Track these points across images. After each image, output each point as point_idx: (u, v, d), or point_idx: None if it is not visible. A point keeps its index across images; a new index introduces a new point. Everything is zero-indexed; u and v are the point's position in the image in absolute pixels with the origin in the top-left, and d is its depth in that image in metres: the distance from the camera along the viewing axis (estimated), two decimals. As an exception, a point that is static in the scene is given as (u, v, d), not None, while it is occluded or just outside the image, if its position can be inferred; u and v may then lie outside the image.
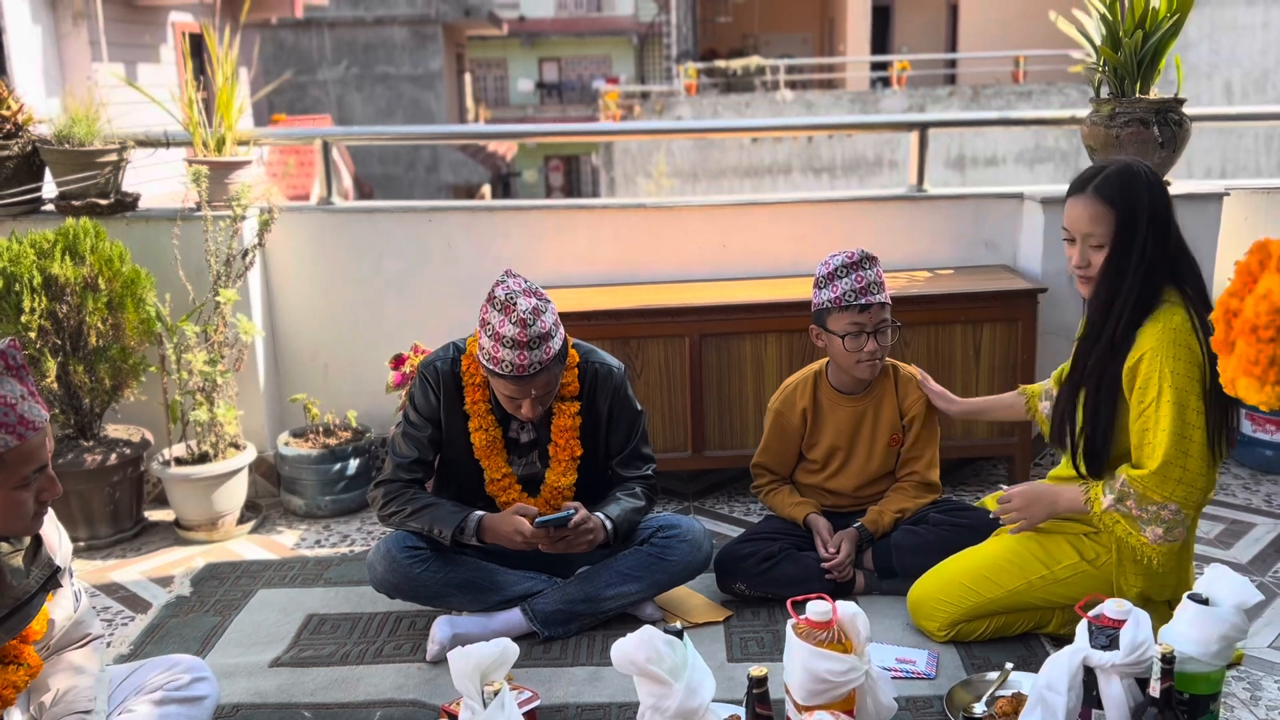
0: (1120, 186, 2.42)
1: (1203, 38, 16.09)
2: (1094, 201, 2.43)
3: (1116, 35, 3.53)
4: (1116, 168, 2.47)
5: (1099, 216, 2.43)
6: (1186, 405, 2.35)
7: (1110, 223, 2.42)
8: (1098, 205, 2.43)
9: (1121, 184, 2.42)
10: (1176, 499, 2.36)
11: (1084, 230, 2.45)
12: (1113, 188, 2.42)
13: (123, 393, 3.49)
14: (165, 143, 3.82)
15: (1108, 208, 2.42)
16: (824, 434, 2.99)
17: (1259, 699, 2.41)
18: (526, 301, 2.53)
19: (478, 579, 2.75)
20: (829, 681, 2.07)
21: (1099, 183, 2.44)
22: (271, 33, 21.00)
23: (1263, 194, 3.90)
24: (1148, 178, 2.44)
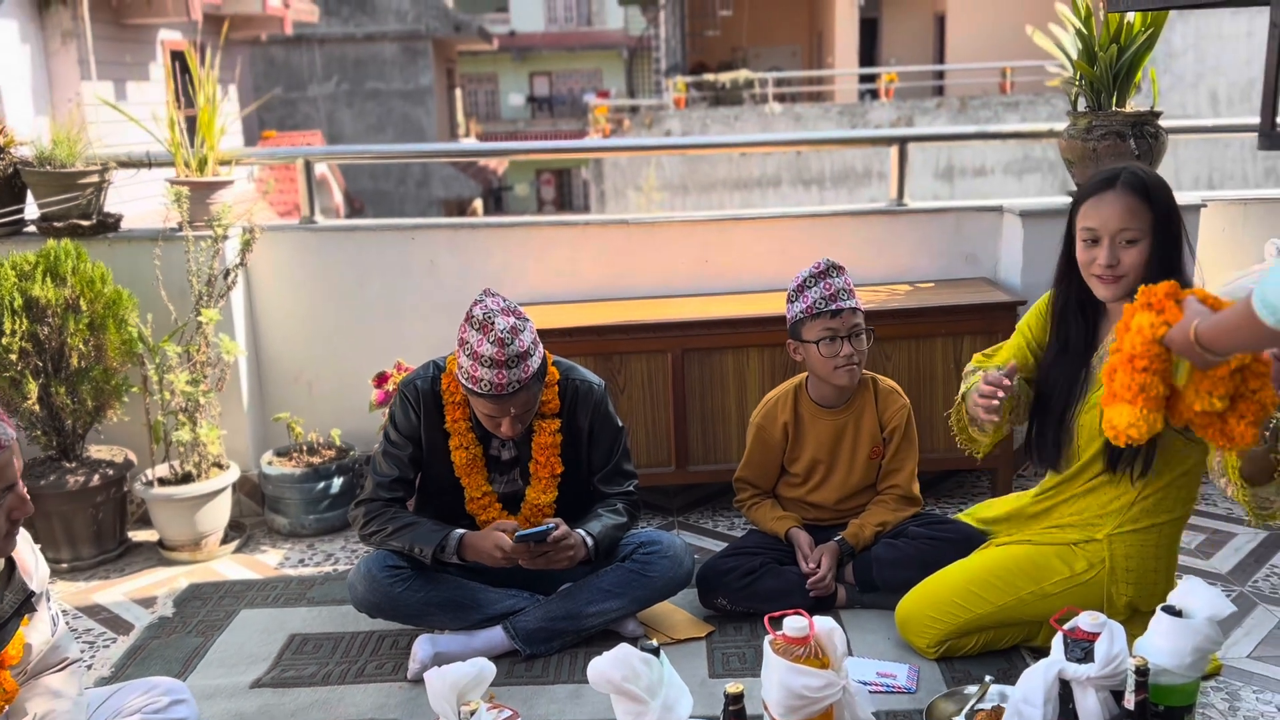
0: (1150, 182, 2.41)
1: (1188, 47, 16.19)
2: (1126, 195, 2.38)
3: (1092, 50, 3.56)
4: (1137, 168, 2.45)
5: (1133, 210, 2.38)
6: None
7: (1146, 216, 2.38)
8: (1131, 199, 2.38)
9: (1149, 179, 2.41)
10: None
11: (1116, 226, 2.38)
12: (1143, 183, 2.40)
13: (105, 414, 3.49)
14: (147, 163, 3.83)
15: (1142, 201, 2.38)
16: (805, 447, 3.00)
17: (1237, 709, 2.42)
18: (504, 320, 2.54)
19: (459, 597, 2.75)
20: (806, 697, 2.08)
21: (1126, 178, 2.40)
22: (262, 50, 21.04)
23: (1240, 204, 3.93)
24: (1164, 180, 2.45)
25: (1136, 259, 2.39)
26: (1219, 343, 1.96)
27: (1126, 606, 2.51)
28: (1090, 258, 2.44)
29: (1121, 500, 2.52)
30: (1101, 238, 2.41)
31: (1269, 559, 3.17)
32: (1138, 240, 2.39)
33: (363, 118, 22.48)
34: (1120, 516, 2.53)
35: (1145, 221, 2.38)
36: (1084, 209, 2.45)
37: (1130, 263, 2.40)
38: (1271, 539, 3.30)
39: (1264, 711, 2.41)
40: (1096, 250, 2.43)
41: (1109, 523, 2.54)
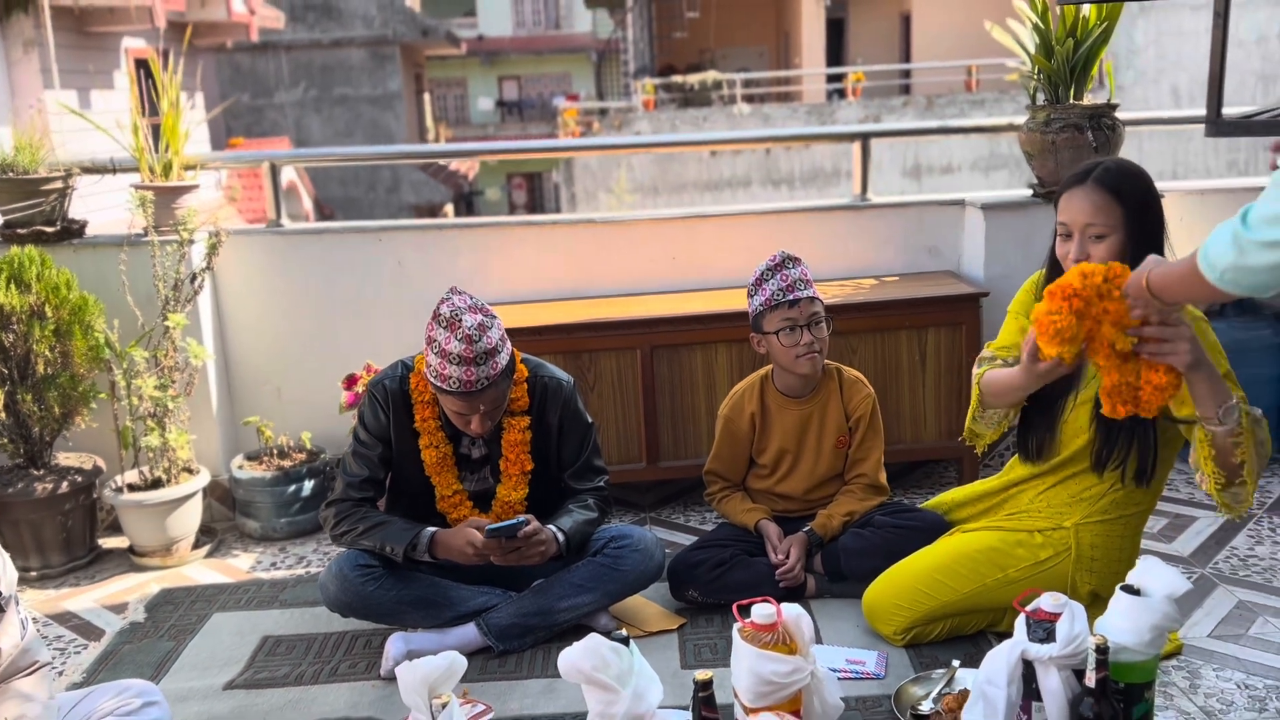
0: (1121, 177, 2.40)
1: (1149, 43, 16.40)
2: (1095, 191, 2.38)
3: (1049, 44, 3.62)
4: (1112, 161, 2.45)
5: (1101, 206, 2.37)
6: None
7: (1115, 212, 2.38)
8: (1100, 194, 2.37)
9: (1122, 175, 2.40)
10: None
11: (1083, 221, 2.39)
12: (1114, 178, 2.39)
13: (73, 420, 3.48)
14: (112, 169, 3.82)
15: (1111, 197, 2.38)
16: (772, 437, 3.04)
17: (1198, 687, 2.47)
18: (472, 318, 2.56)
19: (431, 595, 2.76)
20: (775, 683, 2.10)
21: (1099, 174, 2.40)
22: (228, 56, 20.92)
23: (1196, 195, 4.00)
24: (1145, 174, 2.45)
25: (1105, 254, 2.39)
26: (1167, 291, 2.04)
27: (1089, 594, 2.55)
28: (1065, 251, 2.46)
29: (1093, 492, 2.56)
30: (1072, 232, 2.43)
31: (1229, 541, 3.23)
32: (1105, 235, 2.38)
33: (331, 124, 22.39)
34: (1090, 507, 2.56)
35: (1114, 217, 2.38)
36: (1060, 203, 2.46)
37: (1099, 257, 2.39)
38: (1231, 523, 3.37)
39: (1224, 689, 2.46)
40: (1069, 244, 2.44)
41: (1077, 512, 2.58)
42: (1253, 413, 2.26)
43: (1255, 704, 2.39)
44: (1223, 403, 2.21)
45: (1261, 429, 2.26)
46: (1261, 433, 2.26)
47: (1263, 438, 2.26)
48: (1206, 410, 2.24)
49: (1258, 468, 2.28)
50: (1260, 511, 3.44)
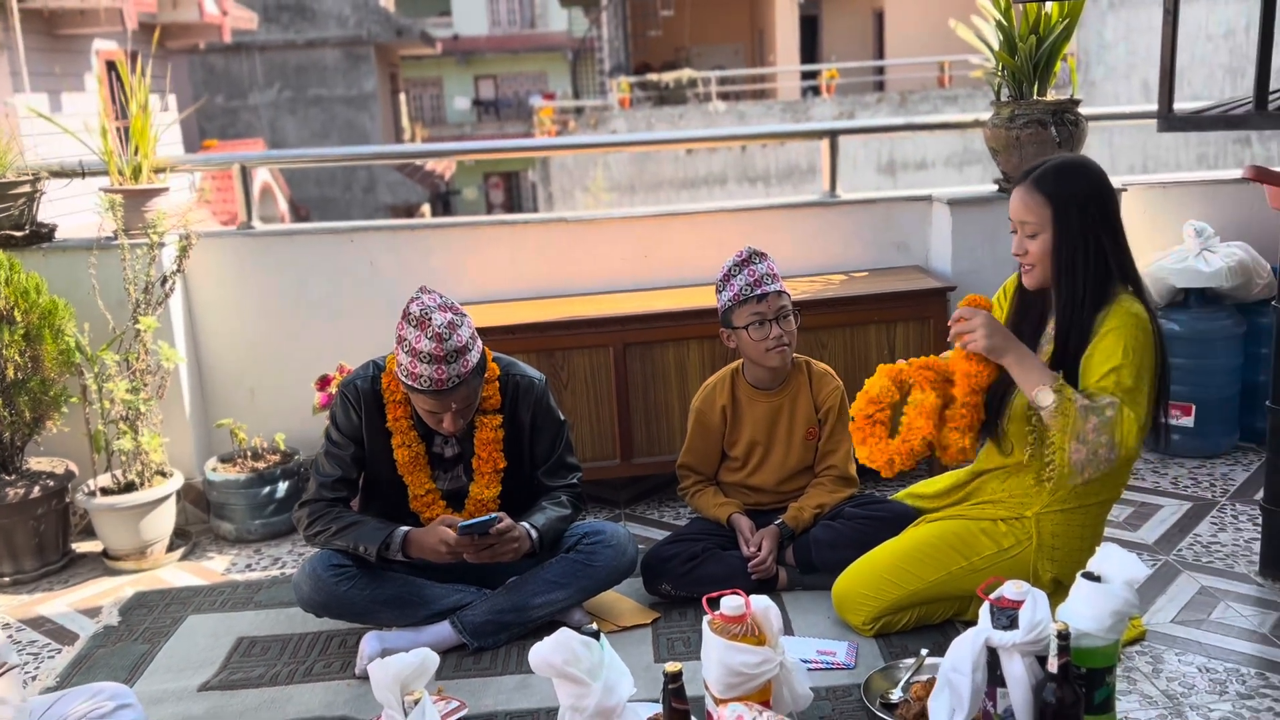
0: (1056, 179, 2.49)
1: (1119, 39, 16.53)
2: (1028, 192, 2.51)
3: (1012, 40, 3.66)
4: (1057, 162, 2.55)
5: (1031, 205, 2.50)
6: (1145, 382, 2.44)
7: (1043, 212, 2.49)
8: (1031, 195, 2.51)
9: (1058, 176, 2.50)
10: (1124, 448, 2.38)
11: (1017, 219, 2.54)
12: (1048, 180, 2.50)
13: (44, 425, 3.47)
14: (80, 173, 3.81)
15: (1041, 197, 2.49)
16: (743, 430, 3.07)
17: (1160, 671, 2.52)
18: (442, 316, 2.57)
19: (405, 594, 2.78)
20: (744, 674, 2.13)
21: (1037, 175, 2.52)
22: (201, 58, 20.80)
23: (1160, 188, 4.06)
24: (1091, 173, 2.52)
25: (1039, 250, 2.52)
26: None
27: (1051, 581, 2.60)
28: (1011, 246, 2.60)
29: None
30: (1015, 229, 2.56)
31: (1192, 529, 3.29)
32: (1037, 234, 2.51)
33: (306, 125, 22.30)
34: (1049, 496, 2.61)
35: (1041, 216, 2.50)
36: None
37: (1035, 253, 2.53)
38: (1194, 511, 3.42)
39: (1185, 672, 2.51)
40: (1015, 240, 2.58)
41: (1037, 501, 2.62)
42: (1087, 402, 2.37)
43: (1216, 687, 2.44)
44: (1033, 387, 2.43)
45: (1091, 415, 2.35)
46: (1088, 417, 2.35)
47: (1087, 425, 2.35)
48: (1025, 393, 2.46)
49: (1077, 457, 2.37)
50: (1223, 500, 3.50)
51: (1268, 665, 2.52)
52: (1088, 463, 2.38)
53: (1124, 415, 2.37)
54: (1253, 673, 2.49)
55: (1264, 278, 3.83)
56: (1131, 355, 2.42)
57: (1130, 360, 2.42)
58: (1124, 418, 2.37)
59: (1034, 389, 2.42)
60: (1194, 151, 16.52)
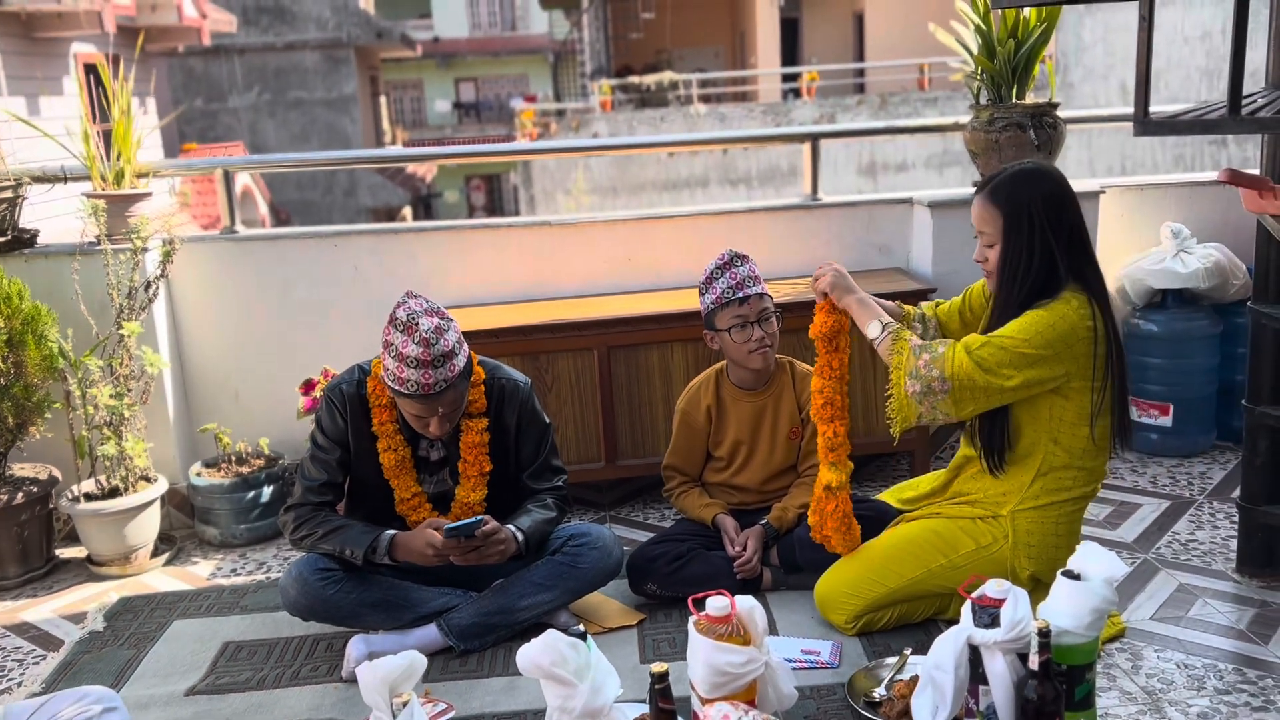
0: (1010, 188, 2.55)
1: (1097, 41, 16.66)
2: (983, 202, 2.59)
3: (991, 45, 3.70)
4: (1013, 170, 2.59)
5: (986, 216, 2.58)
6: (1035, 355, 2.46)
7: (997, 222, 2.56)
8: (986, 206, 2.58)
9: (1012, 186, 2.55)
10: (957, 380, 2.46)
11: (977, 227, 2.62)
12: (1003, 190, 2.56)
13: (27, 431, 3.46)
14: (63, 178, 3.80)
15: (994, 208, 2.56)
16: (728, 430, 3.10)
17: (1139, 668, 2.55)
18: (428, 321, 2.58)
19: (392, 597, 2.79)
20: (730, 674, 2.15)
21: (994, 185, 2.58)
22: (180, 61, 20.70)
23: (1136, 190, 4.10)
24: (1045, 180, 2.55)
25: (995, 258, 2.59)
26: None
27: (1030, 579, 2.63)
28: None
29: (1021, 478, 2.64)
30: (977, 236, 2.64)
31: (1170, 527, 3.33)
32: (993, 243, 2.59)
33: (286, 127, 22.21)
34: (1021, 494, 2.64)
35: (995, 225, 2.57)
36: None
37: (993, 260, 2.60)
38: (1172, 509, 3.47)
39: (1164, 668, 2.54)
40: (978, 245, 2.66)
41: (1011, 500, 2.65)
42: (915, 342, 2.54)
43: (1194, 683, 2.48)
44: (866, 323, 2.64)
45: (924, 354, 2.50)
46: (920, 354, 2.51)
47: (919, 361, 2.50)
48: (861, 327, 2.66)
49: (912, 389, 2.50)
50: (1201, 498, 3.54)
51: (1245, 661, 2.56)
52: (923, 396, 2.49)
53: (955, 351, 2.48)
54: (1230, 668, 2.53)
55: (1240, 278, 3.88)
56: (1032, 334, 2.46)
57: (1025, 336, 2.46)
58: (955, 353, 2.48)
59: (866, 323, 2.63)
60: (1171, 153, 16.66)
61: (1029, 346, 2.46)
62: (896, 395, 2.53)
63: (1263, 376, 2.92)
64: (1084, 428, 2.56)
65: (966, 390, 2.48)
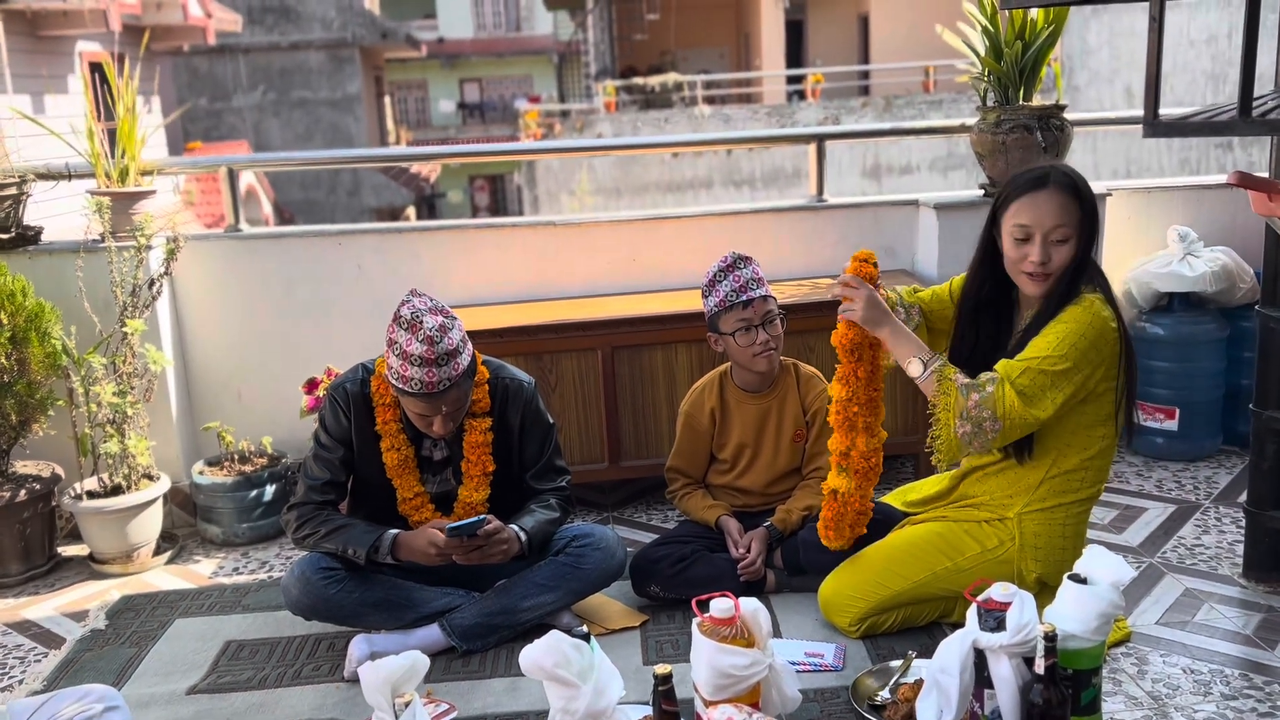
0: (1077, 180, 2.48)
1: (1103, 44, 16.64)
2: (1059, 193, 2.45)
3: (998, 46, 3.69)
4: (1063, 167, 2.53)
5: (1066, 207, 2.44)
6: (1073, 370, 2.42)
7: (1077, 214, 2.45)
8: (1064, 196, 2.45)
9: (1078, 178, 2.48)
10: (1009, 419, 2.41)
11: (1052, 223, 2.44)
12: (1073, 181, 2.47)
13: (30, 428, 3.46)
14: (67, 175, 3.80)
15: (1073, 199, 2.45)
16: (732, 432, 3.09)
17: (1145, 673, 2.54)
18: (433, 319, 2.58)
19: (394, 597, 2.78)
20: (733, 676, 2.14)
21: (1057, 177, 2.47)
22: (185, 60, 20.73)
23: (1143, 193, 4.09)
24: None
25: (1065, 257, 2.47)
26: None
27: (1036, 581, 2.61)
28: (1021, 255, 2.49)
29: (1029, 480, 2.62)
30: (1034, 234, 2.47)
31: (1176, 531, 3.32)
32: (1068, 239, 2.46)
33: (290, 127, 22.24)
34: (1028, 496, 2.62)
35: (1075, 219, 2.46)
36: (1015, 206, 2.49)
37: (1059, 261, 2.47)
38: (1178, 513, 3.45)
39: (1170, 673, 2.53)
40: (1028, 247, 2.48)
41: (1018, 502, 2.64)
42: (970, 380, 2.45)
43: (1200, 688, 2.46)
44: (905, 359, 2.54)
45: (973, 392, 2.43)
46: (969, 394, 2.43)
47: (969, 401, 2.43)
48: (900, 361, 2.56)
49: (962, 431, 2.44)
50: (1207, 502, 3.53)
51: (1251, 666, 2.54)
52: (974, 436, 2.44)
53: (1004, 390, 2.42)
54: (1236, 674, 2.52)
55: (1247, 282, 3.87)
56: (1067, 349, 2.42)
57: (1061, 353, 2.42)
58: (1005, 392, 2.42)
59: (906, 360, 2.53)
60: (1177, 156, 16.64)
61: (1066, 362, 2.42)
62: (945, 436, 2.46)
63: (1270, 380, 2.90)
64: (1099, 428, 2.54)
65: (1017, 426, 2.44)
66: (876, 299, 2.57)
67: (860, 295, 2.56)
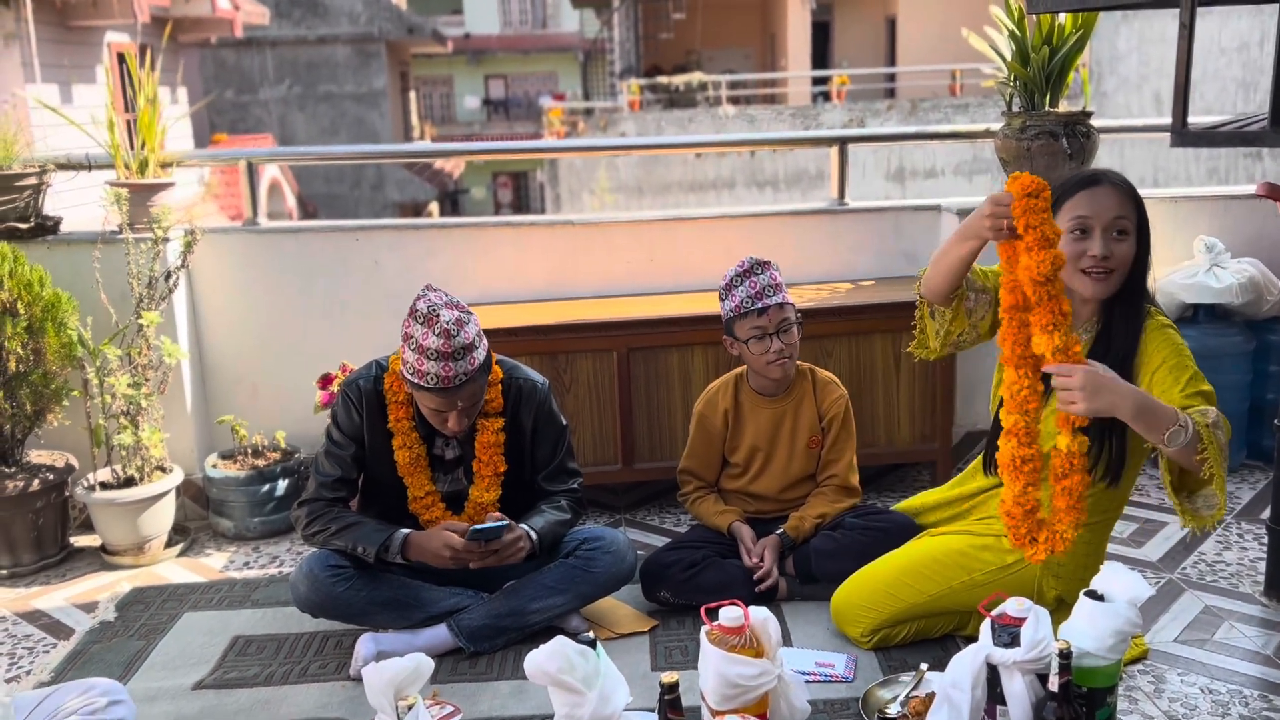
0: (1126, 180, 2.42)
1: (1131, 50, 16.49)
2: (1116, 189, 2.38)
3: (1025, 51, 3.64)
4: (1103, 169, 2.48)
5: (1124, 203, 2.37)
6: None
7: (1134, 212, 2.39)
8: (1121, 193, 2.38)
9: (1125, 179, 2.43)
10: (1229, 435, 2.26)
11: (1112, 215, 2.35)
12: (1126, 181, 2.41)
13: (45, 418, 3.47)
14: (87, 165, 3.80)
15: (1129, 197, 2.39)
16: (745, 435, 3.06)
17: (1162, 691, 2.49)
18: (449, 314, 2.56)
19: (402, 596, 2.76)
20: (741, 685, 2.11)
21: (1111, 176, 2.41)
22: (212, 52, 20.84)
23: (1170, 202, 4.03)
24: None
25: (1128, 252, 2.37)
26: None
27: (1055, 599, 2.57)
28: (1080, 250, 2.38)
29: None
30: (1093, 227, 2.36)
31: (1197, 547, 3.26)
32: (1129, 233, 2.37)
33: (315, 121, 22.32)
34: None
35: (1133, 217, 2.40)
36: (1071, 203, 2.40)
37: (1121, 255, 2.37)
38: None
39: (1187, 693, 2.48)
40: (1087, 242, 2.37)
41: None
42: (1207, 420, 2.20)
43: (1219, 709, 2.41)
44: (1165, 429, 2.15)
45: (1221, 434, 2.23)
46: (1222, 437, 2.23)
47: (1223, 442, 2.23)
48: (1152, 439, 2.20)
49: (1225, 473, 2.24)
50: (1229, 518, 3.47)
51: (1271, 688, 2.49)
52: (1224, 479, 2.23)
53: (1220, 413, 2.26)
54: (1256, 694, 2.47)
55: (1275, 295, 3.80)
56: (1187, 358, 2.37)
57: (1191, 363, 2.37)
58: (1221, 415, 2.25)
59: (1164, 433, 2.14)
60: (1205, 166, 16.47)
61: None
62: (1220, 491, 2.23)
63: (1296, 396, 2.84)
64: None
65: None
66: (1096, 374, 2.12)
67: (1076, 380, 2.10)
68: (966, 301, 2.57)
